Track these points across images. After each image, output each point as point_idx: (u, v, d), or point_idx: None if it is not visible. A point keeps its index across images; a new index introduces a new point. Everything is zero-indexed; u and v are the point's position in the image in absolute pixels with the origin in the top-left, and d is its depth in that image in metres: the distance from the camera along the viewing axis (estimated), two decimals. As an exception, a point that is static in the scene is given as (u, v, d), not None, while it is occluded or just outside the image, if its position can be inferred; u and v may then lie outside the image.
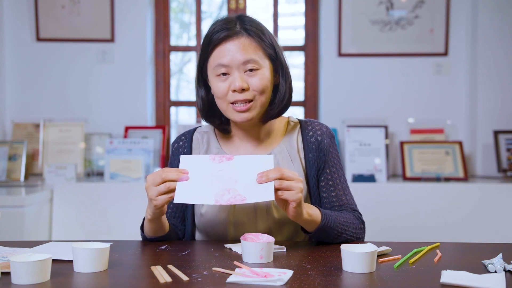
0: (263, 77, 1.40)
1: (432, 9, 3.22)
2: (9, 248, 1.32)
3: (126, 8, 3.25)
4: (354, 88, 3.28)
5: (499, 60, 3.16)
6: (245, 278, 1.04)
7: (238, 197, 1.23)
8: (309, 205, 1.35)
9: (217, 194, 1.25)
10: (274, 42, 1.45)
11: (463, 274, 1.08)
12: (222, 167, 1.29)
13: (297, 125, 1.55)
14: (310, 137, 1.51)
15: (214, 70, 1.41)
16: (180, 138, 1.57)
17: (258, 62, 1.40)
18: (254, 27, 1.42)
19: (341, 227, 1.39)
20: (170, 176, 1.26)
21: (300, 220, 1.31)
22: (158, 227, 1.40)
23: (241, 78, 1.38)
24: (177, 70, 3.66)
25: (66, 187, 2.77)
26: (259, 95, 1.41)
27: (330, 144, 1.52)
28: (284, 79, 1.47)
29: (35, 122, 3.23)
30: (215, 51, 1.40)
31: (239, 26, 1.41)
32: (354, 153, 3.03)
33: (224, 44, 1.39)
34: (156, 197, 1.27)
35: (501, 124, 3.16)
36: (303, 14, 3.38)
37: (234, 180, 1.27)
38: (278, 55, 1.45)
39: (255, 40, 1.40)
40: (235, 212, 1.45)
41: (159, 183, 1.26)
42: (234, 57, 1.38)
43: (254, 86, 1.40)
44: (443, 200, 2.78)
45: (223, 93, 1.40)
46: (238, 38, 1.39)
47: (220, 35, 1.39)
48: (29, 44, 3.25)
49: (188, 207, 1.52)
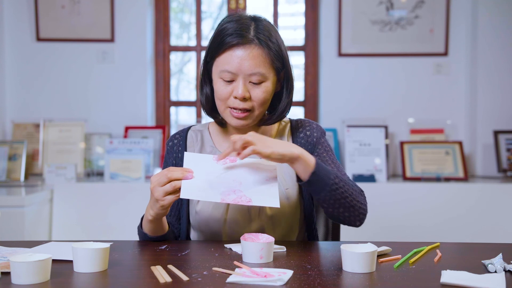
0: (265, 90, 1.41)
1: (432, 9, 3.22)
2: (9, 248, 1.32)
3: (126, 8, 3.25)
4: (354, 88, 3.28)
5: (499, 60, 3.16)
6: (245, 278, 1.04)
7: (244, 198, 1.25)
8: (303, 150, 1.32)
9: (223, 193, 1.26)
10: (284, 53, 1.45)
11: (463, 274, 1.08)
12: (226, 169, 1.31)
13: (287, 125, 1.57)
14: (299, 133, 1.52)
15: (220, 73, 1.41)
16: (174, 137, 1.57)
17: (264, 75, 1.40)
18: (267, 36, 1.41)
19: (338, 180, 1.32)
20: (175, 175, 1.26)
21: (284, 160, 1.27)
22: (159, 228, 1.40)
23: (244, 87, 1.39)
24: (177, 70, 3.66)
25: (66, 187, 2.77)
26: (258, 106, 1.41)
27: (319, 137, 1.52)
28: (288, 91, 1.47)
29: (35, 122, 3.23)
30: (224, 54, 1.40)
31: (253, 33, 1.39)
32: (354, 153, 3.03)
33: (234, 49, 1.38)
34: (163, 197, 1.27)
35: (501, 124, 3.16)
36: (303, 14, 3.38)
37: (238, 182, 1.28)
38: (285, 67, 1.45)
39: (265, 52, 1.39)
40: (229, 210, 1.45)
41: (164, 183, 1.26)
42: (242, 66, 1.38)
43: (255, 97, 1.40)
44: (443, 200, 2.78)
45: (224, 96, 1.41)
46: (249, 47, 1.38)
47: (233, 41, 1.38)
48: (29, 44, 3.25)
49: (183, 206, 1.52)
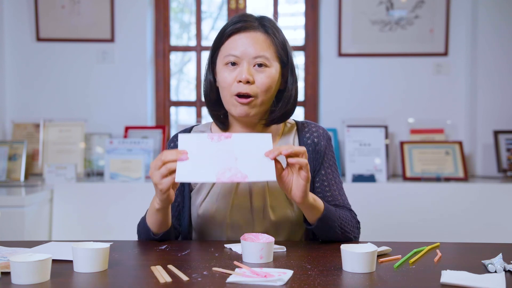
0: (270, 75, 1.41)
1: (432, 9, 3.22)
2: (9, 248, 1.32)
3: (126, 8, 3.25)
4: (354, 88, 3.28)
5: (499, 60, 3.16)
6: (245, 278, 1.04)
7: (239, 175, 1.22)
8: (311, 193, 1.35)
9: (218, 172, 1.23)
10: (288, 47, 1.46)
11: (463, 274, 1.08)
12: (221, 146, 1.28)
13: (293, 127, 1.56)
14: (307, 139, 1.51)
15: (224, 59, 1.41)
16: (176, 137, 1.56)
17: (269, 60, 1.40)
18: (272, 26, 1.43)
19: (341, 221, 1.40)
20: (169, 157, 1.24)
21: (305, 202, 1.30)
22: (164, 219, 1.38)
23: (248, 71, 1.39)
24: (177, 70, 3.66)
25: (66, 187, 2.77)
26: (262, 92, 1.40)
27: (326, 146, 1.52)
28: (292, 84, 1.47)
29: (35, 122, 3.23)
30: (228, 40, 1.42)
31: (257, 22, 1.43)
32: (354, 153, 3.03)
33: (238, 34, 1.41)
34: (160, 181, 1.25)
35: (501, 124, 3.16)
36: (303, 14, 3.38)
37: (234, 158, 1.25)
38: (290, 60, 1.46)
39: (270, 38, 1.41)
40: (232, 214, 1.44)
41: (160, 166, 1.25)
42: (246, 50, 1.39)
43: (259, 82, 1.40)
44: (443, 200, 2.78)
45: (228, 83, 1.40)
46: (254, 31, 1.41)
47: (236, 26, 1.41)
48: (29, 44, 3.25)
49: (185, 208, 1.51)
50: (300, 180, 1.27)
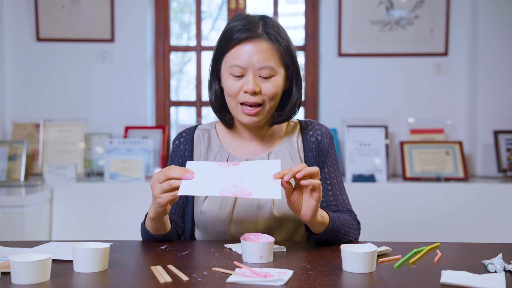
0: (276, 84, 1.42)
1: (432, 9, 3.22)
2: (9, 248, 1.31)
3: (126, 8, 3.25)
4: (354, 88, 3.28)
5: (499, 60, 3.16)
6: (245, 278, 1.04)
7: (243, 191, 1.21)
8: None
9: (223, 188, 1.22)
10: (292, 49, 1.46)
11: (463, 274, 1.08)
12: (228, 170, 1.27)
13: (297, 125, 1.57)
14: (310, 137, 1.53)
15: (229, 69, 1.42)
16: (181, 135, 1.57)
17: (274, 69, 1.41)
18: (276, 32, 1.42)
19: (344, 229, 1.40)
20: (173, 174, 1.24)
21: (314, 221, 1.30)
22: (160, 226, 1.39)
23: (254, 82, 1.39)
24: (177, 70, 3.66)
25: (66, 187, 2.77)
26: (269, 100, 1.42)
27: (329, 144, 1.54)
28: (297, 87, 1.49)
29: (35, 122, 3.23)
30: (234, 49, 1.41)
31: (262, 28, 1.41)
32: (354, 153, 3.03)
33: (244, 44, 1.40)
34: (160, 195, 1.26)
35: (501, 124, 3.16)
36: (303, 14, 3.38)
37: (240, 178, 1.25)
38: (294, 63, 1.47)
39: (275, 46, 1.41)
40: (235, 211, 1.45)
41: (163, 180, 1.25)
42: (252, 60, 1.39)
43: (266, 91, 1.41)
44: (443, 200, 2.78)
45: (234, 92, 1.41)
46: (259, 41, 1.40)
47: (242, 35, 1.39)
48: (29, 44, 3.25)
49: (188, 204, 1.52)
50: (312, 201, 1.26)
